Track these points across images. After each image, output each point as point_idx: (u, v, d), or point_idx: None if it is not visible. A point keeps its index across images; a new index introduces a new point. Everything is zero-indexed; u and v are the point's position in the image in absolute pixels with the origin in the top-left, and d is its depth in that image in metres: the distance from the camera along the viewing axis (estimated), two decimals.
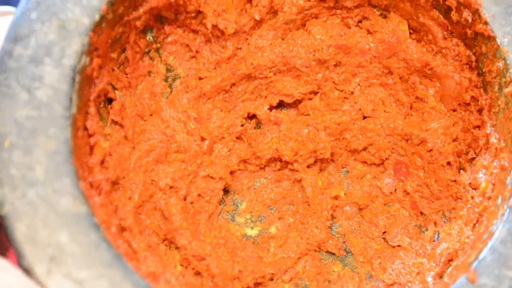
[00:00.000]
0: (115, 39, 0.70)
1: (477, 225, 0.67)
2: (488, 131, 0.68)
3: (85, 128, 0.66)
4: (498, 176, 0.64)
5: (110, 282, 0.55)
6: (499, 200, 0.62)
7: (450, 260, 0.68)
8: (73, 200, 0.56)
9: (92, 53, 0.63)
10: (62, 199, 0.56)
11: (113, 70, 0.72)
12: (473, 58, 0.70)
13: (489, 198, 0.65)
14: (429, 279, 0.68)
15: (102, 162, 0.69)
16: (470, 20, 0.68)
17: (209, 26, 0.74)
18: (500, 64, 0.64)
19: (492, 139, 0.67)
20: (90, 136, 0.67)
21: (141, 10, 0.70)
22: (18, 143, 0.57)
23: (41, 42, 0.60)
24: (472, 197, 0.69)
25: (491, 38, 0.66)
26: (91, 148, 0.68)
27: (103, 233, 0.57)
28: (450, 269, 0.68)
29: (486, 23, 0.66)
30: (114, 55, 0.71)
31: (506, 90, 0.63)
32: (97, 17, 0.62)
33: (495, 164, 0.66)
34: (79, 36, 0.61)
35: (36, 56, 0.59)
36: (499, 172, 0.63)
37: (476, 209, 0.67)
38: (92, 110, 0.67)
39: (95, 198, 0.63)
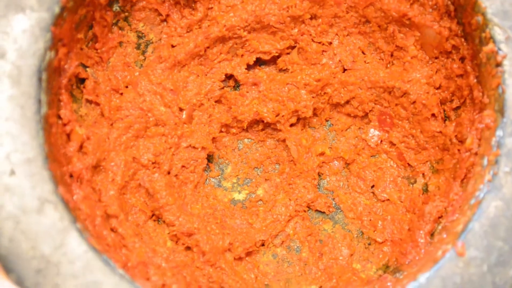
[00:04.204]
0: (80, 21, 0.67)
1: (465, 181, 0.66)
2: (471, 82, 0.66)
3: (59, 117, 0.65)
4: (484, 134, 0.62)
5: None
6: (485, 161, 0.60)
7: (440, 217, 0.68)
8: (54, 207, 0.56)
9: (57, 45, 0.61)
10: (43, 208, 0.56)
11: (81, 49, 0.70)
12: (452, 8, 0.67)
13: (476, 154, 0.64)
14: (420, 240, 0.69)
15: (81, 148, 0.68)
16: None
17: None
18: (479, 18, 0.62)
19: (476, 92, 0.65)
20: (65, 124, 0.66)
21: None
22: None
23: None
24: (459, 151, 0.68)
25: None
26: (68, 136, 0.67)
27: (87, 235, 0.57)
28: (440, 227, 0.68)
29: None
30: (80, 35, 0.68)
31: (486, 48, 0.62)
32: (56, 9, 0.59)
33: (479, 119, 0.65)
34: (41, 32, 0.58)
35: None
36: (484, 129, 0.62)
37: (464, 164, 0.66)
38: (65, 97, 0.66)
39: (76, 191, 0.63)
